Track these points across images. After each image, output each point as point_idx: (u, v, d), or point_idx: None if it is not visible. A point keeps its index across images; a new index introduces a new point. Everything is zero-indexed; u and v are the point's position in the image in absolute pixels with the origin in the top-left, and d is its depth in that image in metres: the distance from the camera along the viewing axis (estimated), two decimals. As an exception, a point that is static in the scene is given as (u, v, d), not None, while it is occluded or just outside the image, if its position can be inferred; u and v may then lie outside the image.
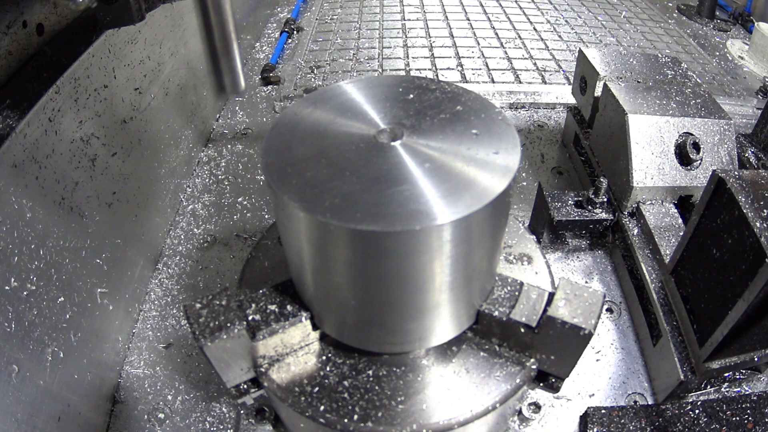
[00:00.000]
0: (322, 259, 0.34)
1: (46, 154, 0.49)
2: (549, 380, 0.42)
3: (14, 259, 0.43)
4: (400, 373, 0.40)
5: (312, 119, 0.37)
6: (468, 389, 0.39)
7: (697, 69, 1.21)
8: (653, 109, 0.67)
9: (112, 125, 0.61)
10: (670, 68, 0.76)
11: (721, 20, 1.49)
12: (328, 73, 1.14)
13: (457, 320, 0.38)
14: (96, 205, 0.57)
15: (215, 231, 0.76)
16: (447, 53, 1.23)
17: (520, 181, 0.86)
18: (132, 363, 0.60)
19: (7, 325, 0.42)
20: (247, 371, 0.41)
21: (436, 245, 0.31)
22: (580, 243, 0.75)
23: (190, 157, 0.86)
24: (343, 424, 0.37)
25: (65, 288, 0.50)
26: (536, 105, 1.05)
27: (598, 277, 0.71)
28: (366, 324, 0.37)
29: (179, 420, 0.55)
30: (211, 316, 0.37)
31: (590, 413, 0.52)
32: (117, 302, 0.59)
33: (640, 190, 0.65)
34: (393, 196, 0.31)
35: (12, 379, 0.41)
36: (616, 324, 0.65)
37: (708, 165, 0.66)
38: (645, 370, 0.60)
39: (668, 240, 0.62)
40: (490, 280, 0.40)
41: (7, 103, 0.47)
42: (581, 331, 0.36)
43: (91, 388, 0.52)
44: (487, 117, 0.36)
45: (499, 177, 0.32)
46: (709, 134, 0.66)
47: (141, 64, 0.69)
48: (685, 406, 0.51)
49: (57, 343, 0.48)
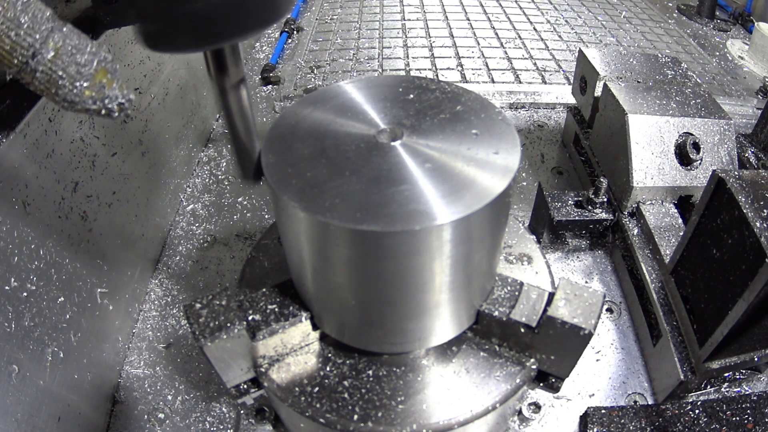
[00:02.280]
0: (322, 259, 0.34)
1: (46, 154, 0.49)
2: (549, 380, 0.42)
3: (14, 259, 0.43)
4: (400, 373, 0.40)
5: (312, 119, 0.37)
6: (468, 389, 0.39)
7: (697, 69, 1.21)
8: (653, 109, 0.67)
9: (112, 125, 0.61)
10: (670, 68, 0.76)
11: (721, 20, 1.49)
12: (328, 73, 1.14)
13: (457, 320, 0.38)
14: (96, 205, 0.57)
15: (215, 231, 0.76)
16: (447, 53, 1.23)
17: (520, 181, 0.86)
18: (132, 363, 0.60)
19: (7, 325, 0.42)
20: (247, 371, 0.41)
21: (436, 245, 0.31)
22: (580, 243, 0.75)
23: (190, 157, 0.86)
24: (343, 424, 0.37)
25: (65, 288, 0.50)
26: (536, 105, 1.05)
27: (598, 277, 0.71)
28: (366, 324, 0.37)
29: (179, 420, 0.55)
30: (211, 316, 0.37)
31: (590, 413, 0.52)
32: (117, 302, 0.59)
33: (640, 190, 0.65)
34: (393, 196, 0.31)
35: (12, 379, 0.41)
36: (616, 324, 0.65)
37: (708, 165, 0.66)
38: (645, 370, 0.60)
39: (668, 240, 0.62)
40: (490, 280, 0.40)
41: (7, 103, 0.46)
42: (581, 331, 0.36)
43: (91, 388, 0.52)
44: (487, 117, 0.36)
45: (499, 177, 0.32)
46: (709, 134, 0.66)
47: (141, 64, 0.69)
48: (685, 406, 0.51)
49: (57, 343, 0.48)
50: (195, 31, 0.27)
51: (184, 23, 0.27)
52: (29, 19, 0.28)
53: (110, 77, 0.31)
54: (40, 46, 0.28)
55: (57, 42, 0.29)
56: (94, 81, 0.30)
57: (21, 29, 0.28)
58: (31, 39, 0.28)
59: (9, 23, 0.27)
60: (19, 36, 0.28)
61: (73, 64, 0.29)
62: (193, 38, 0.28)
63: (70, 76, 0.29)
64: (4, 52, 0.28)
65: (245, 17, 0.28)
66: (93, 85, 0.30)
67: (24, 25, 0.28)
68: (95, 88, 0.30)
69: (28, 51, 0.28)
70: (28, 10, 0.28)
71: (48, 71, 0.29)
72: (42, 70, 0.29)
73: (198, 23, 0.27)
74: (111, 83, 0.31)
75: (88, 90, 0.30)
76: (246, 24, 0.28)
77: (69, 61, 0.29)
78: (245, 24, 0.28)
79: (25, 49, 0.28)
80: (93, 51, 0.30)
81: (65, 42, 0.29)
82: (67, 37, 0.30)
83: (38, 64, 0.28)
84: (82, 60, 0.30)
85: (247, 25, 0.28)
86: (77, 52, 0.30)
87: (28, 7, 0.28)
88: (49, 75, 0.29)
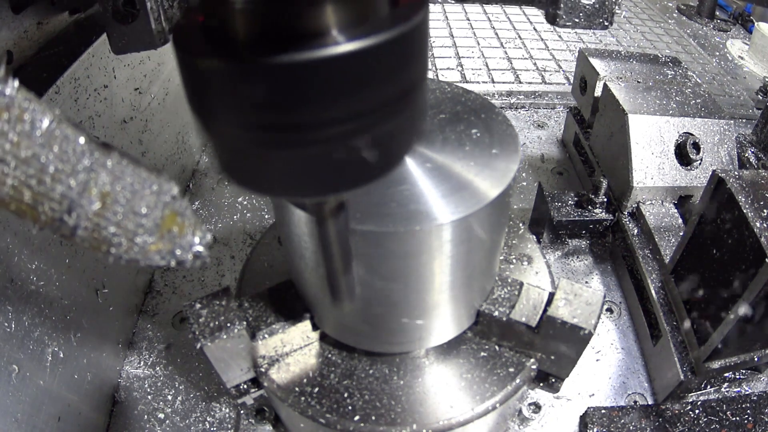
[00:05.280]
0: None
1: (46, 154, 0.49)
2: (549, 380, 0.42)
3: (14, 259, 0.43)
4: (400, 373, 0.40)
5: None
6: (468, 389, 0.39)
7: (697, 69, 1.21)
8: (653, 109, 0.67)
9: (112, 125, 0.61)
10: (670, 68, 0.76)
11: (721, 20, 1.49)
12: (328, 73, 1.14)
13: (457, 320, 0.38)
14: (96, 205, 0.57)
15: (215, 231, 0.76)
16: (447, 53, 1.23)
17: (520, 181, 0.86)
18: (132, 363, 0.60)
19: (7, 325, 0.42)
20: (247, 371, 0.41)
21: (436, 245, 0.31)
22: (580, 243, 0.75)
23: (191, 156, 0.86)
24: (343, 424, 0.37)
25: (65, 288, 0.50)
26: (536, 105, 1.05)
27: (598, 277, 0.71)
28: (366, 324, 0.37)
29: (179, 420, 0.55)
30: (211, 316, 0.37)
31: (590, 413, 0.52)
32: (117, 302, 0.59)
33: (640, 190, 0.65)
34: (393, 196, 0.31)
35: (12, 379, 0.41)
36: (616, 324, 0.65)
37: (708, 165, 0.66)
38: (645, 370, 0.60)
39: (668, 240, 0.62)
40: (490, 280, 0.40)
41: (7, 104, 0.46)
42: (581, 331, 0.36)
43: (91, 388, 0.52)
44: (487, 117, 0.36)
45: (499, 177, 0.32)
46: (709, 134, 0.66)
47: (141, 64, 0.69)
48: (685, 406, 0.51)
49: (57, 343, 0.48)
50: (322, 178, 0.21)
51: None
52: (56, 156, 0.19)
53: (180, 220, 0.22)
54: (77, 195, 0.19)
55: (103, 185, 0.20)
56: (162, 232, 0.22)
57: (46, 175, 0.18)
58: (62, 187, 0.19)
59: (24, 167, 0.18)
60: (44, 184, 0.19)
61: (131, 214, 0.21)
62: (319, 184, 0.22)
63: (128, 231, 0.21)
64: (25, 207, 0.19)
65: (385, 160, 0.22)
66: (161, 237, 0.22)
67: (49, 168, 0.19)
68: (164, 240, 0.22)
69: (62, 205, 0.19)
70: (51, 143, 0.19)
71: (94, 228, 0.20)
72: (85, 227, 0.20)
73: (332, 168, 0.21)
74: (183, 229, 0.23)
75: (154, 245, 0.22)
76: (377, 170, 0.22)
77: (124, 211, 0.20)
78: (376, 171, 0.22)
79: (57, 202, 0.19)
80: (155, 189, 0.22)
81: (115, 184, 0.20)
82: (117, 175, 0.20)
83: (79, 219, 0.20)
84: (142, 207, 0.21)
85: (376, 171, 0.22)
86: (134, 196, 0.21)
87: (51, 138, 0.19)
88: (97, 234, 0.20)
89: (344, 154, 0.20)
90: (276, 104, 0.18)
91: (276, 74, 0.17)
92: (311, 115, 0.19)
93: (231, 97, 0.19)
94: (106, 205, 0.20)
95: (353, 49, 0.18)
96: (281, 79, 0.18)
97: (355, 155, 0.20)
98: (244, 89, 0.18)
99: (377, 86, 0.19)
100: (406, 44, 0.19)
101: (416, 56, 0.20)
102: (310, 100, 0.18)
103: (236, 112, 0.19)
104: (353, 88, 0.18)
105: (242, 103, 0.19)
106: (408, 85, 0.20)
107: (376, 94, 0.19)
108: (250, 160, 0.21)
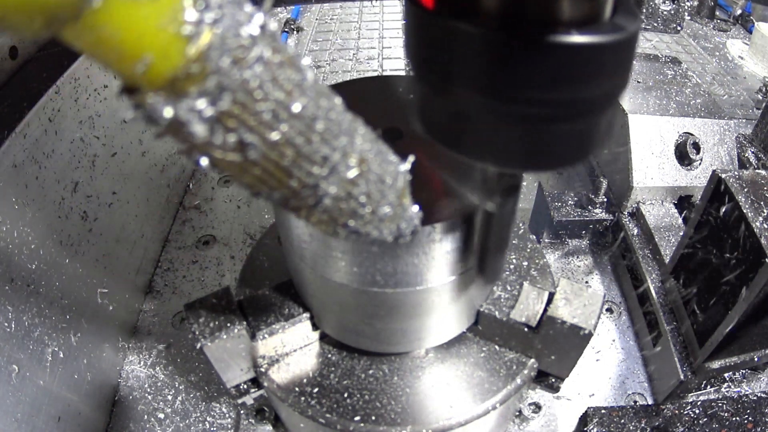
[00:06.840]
0: (321, 259, 0.34)
1: (46, 154, 0.49)
2: (549, 380, 0.42)
3: (14, 259, 0.43)
4: (400, 373, 0.40)
5: (312, 119, 0.36)
6: (468, 389, 0.39)
7: (697, 69, 1.21)
8: (653, 109, 0.67)
9: (112, 125, 0.61)
10: (670, 68, 0.76)
11: (721, 20, 1.49)
12: (328, 73, 1.14)
13: (457, 320, 0.38)
14: (96, 205, 0.57)
15: (215, 231, 0.76)
16: (447, 53, 1.23)
17: (520, 181, 0.86)
18: (132, 363, 0.60)
19: (7, 325, 0.42)
20: (247, 371, 0.41)
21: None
22: (580, 243, 0.75)
23: (190, 157, 0.86)
24: (343, 424, 0.37)
25: (65, 288, 0.50)
26: (536, 105, 1.04)
27: (598, 277, 0.71)
28: (366, 324, 0.37)
29: (179, 420, 0.55)
30: (211, 316, 0.37)
31: (590, 413, 0.52)
32: (117, 302, 0.59)
33: (640, 190, 0.65)
34: None
35: (12, 379, 0.41)
36: (616, 324, 0.65)
37: (708, 165, 0.66)
38: (645, 370, 0.60)
39: (668, 240, 0.62)
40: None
41: (7, 103, 0.46)
42: (581, 331, 0.36)
43: (91, 388, 0.52)
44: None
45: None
46: (709, 134, 0.66)
47: (141, 64, 0.69)
48: (685, 406, 0.51)
49: (57, 343, 0.48)
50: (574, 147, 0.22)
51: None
52: (323, 113, 0.17)
53: (408, 193, 0.22)
54: (341, 158, 0.18)
55: (361, 151, 0.19)
56: (399, 203, 0.21)
57: (313, 133, 0.16)
58: (327, 149, 0.17)
59: (294, 122, 0.16)
60: (311, 144, 0.16)
61: (379, 182, 0.19)
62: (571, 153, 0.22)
63: (373, 201, 0.19)
64: (274, 170, 0.16)
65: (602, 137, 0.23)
66: (396, 209, 0.21)
67: (317, 126, 0.16)
68: (397, 212, 0.21)
69: (322, 168, 0.17)
70: (318, 99, 0.17)
71: (345, 197, 0.19)
72: (336, 196, 0.18)
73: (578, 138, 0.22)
74: (410, 201, 0.22)
75: (389, 218, 0.20)
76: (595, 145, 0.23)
77: (375, 179, 0.19)
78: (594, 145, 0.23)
79: (318, 164, 0.17)
80: (393, 159, 0.21)
81: (371, 153, 0.19)
82: (368, 140, 0.19)
83: (333, 186, 0.18)
84: (387, 177, 0.20)
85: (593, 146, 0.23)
86: (381, 163, 0.20)
87: (318, 93, 0.17)
88: (345, 204, 0.19)
89: (565, 136, 0.22)
90: (556, 80, 0.19)
91: (557, 53, 0.19)
92: (564, 95, 0.20)
93: (498, 68, 0.19)
94: (362, 172, 0.19)
95: (612, 40, 0.19)
96: (562, 57, 0.19)
97: (571, 139, 0.22)
98: (521, 64, 0.19)
99: (608, 78, 0.21)
100: (631, 46, 0.21)
101: (631, 60, 0.22)
102: (572, 80, 0.19)
103: (494, 83, 0.20)
104: (597, 76, 0.20)
105: (512, 76, 0.19)
106: (623, 85, 0.22)
107: (605, 85, 0.21)
108: (477, 126, 0.21)
